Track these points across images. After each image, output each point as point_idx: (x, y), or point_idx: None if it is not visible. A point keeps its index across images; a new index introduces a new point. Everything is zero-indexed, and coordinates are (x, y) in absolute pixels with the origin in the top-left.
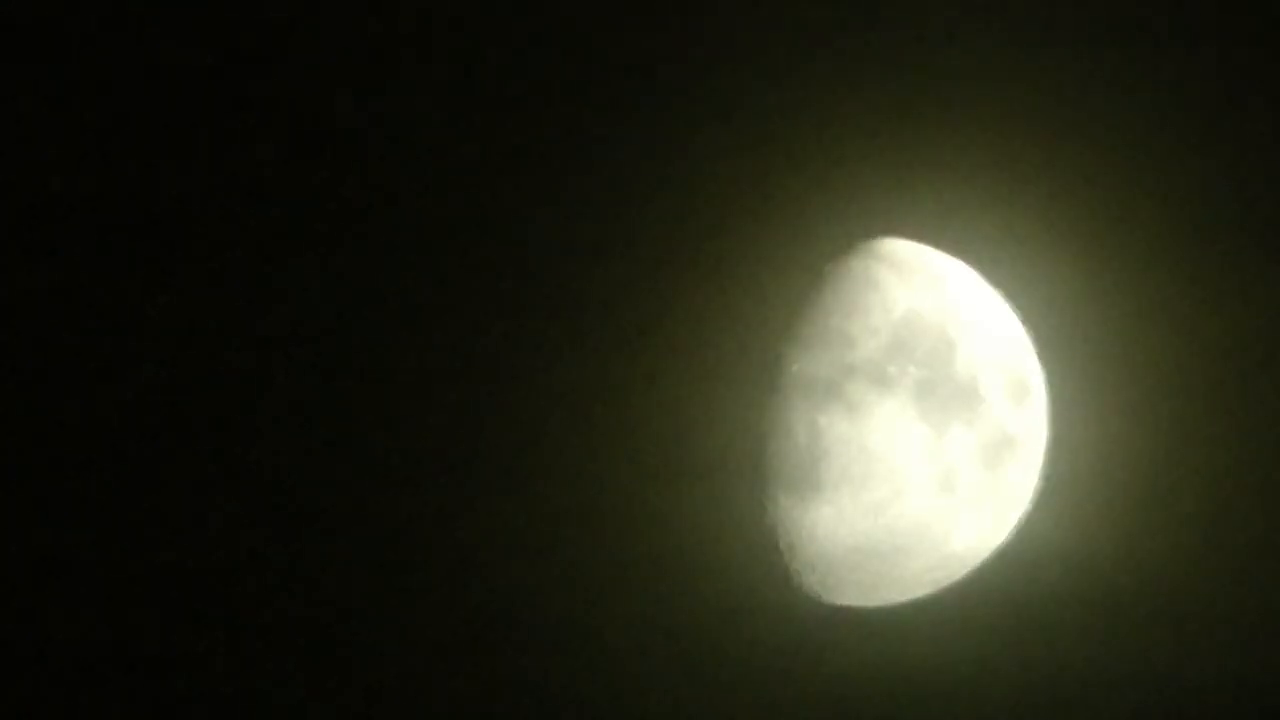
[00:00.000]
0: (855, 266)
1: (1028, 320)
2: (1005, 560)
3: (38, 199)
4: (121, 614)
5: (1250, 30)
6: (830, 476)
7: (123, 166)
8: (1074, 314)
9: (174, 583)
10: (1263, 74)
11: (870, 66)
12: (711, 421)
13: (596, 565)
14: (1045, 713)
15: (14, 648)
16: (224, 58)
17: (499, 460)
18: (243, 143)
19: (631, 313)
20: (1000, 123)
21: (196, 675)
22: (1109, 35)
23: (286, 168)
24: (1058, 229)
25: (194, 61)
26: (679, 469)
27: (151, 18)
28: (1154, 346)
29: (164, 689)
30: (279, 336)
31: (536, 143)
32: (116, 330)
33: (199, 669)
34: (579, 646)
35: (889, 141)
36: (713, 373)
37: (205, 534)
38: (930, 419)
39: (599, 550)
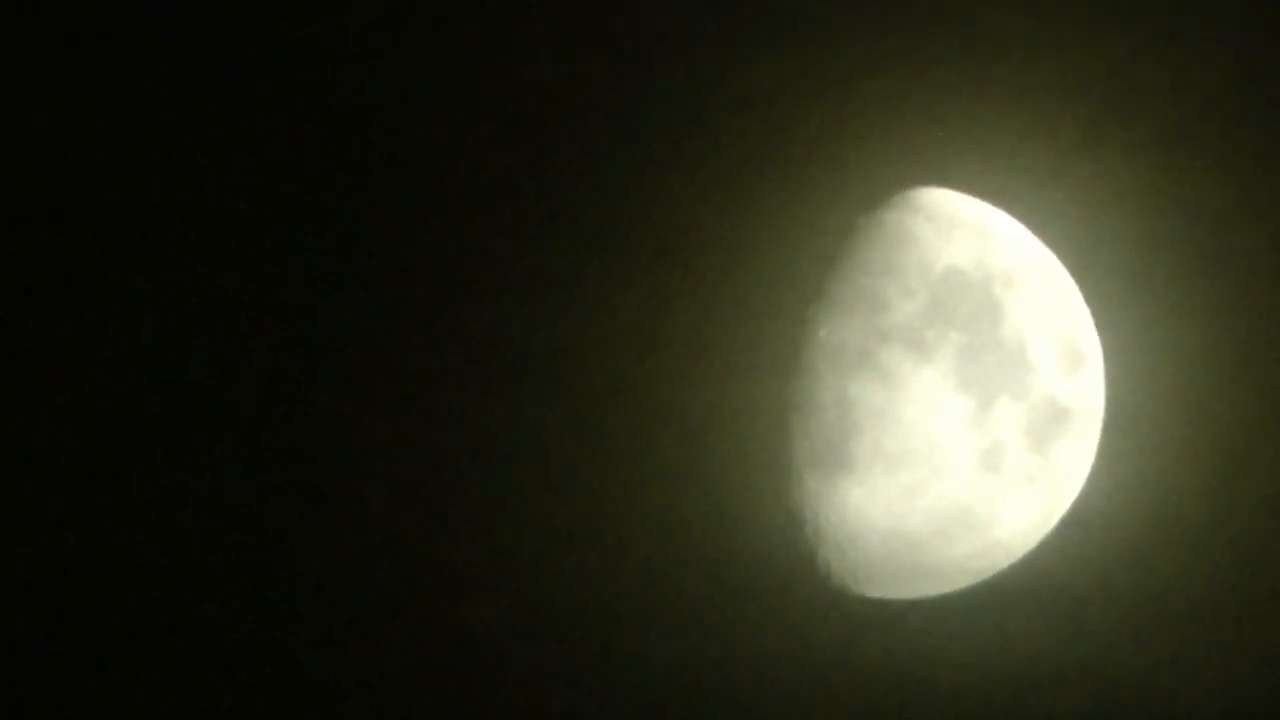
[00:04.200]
0: (889, 219)
1: (1082, 279)
2: (1056, 548)
3: (39, 198)
4: (96, 622)
5: None
6: (862, 454)
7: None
8: (1134, 271)
9: (166, 586)
10: None
11: None
12: (732, 392)
13: (611, 550)
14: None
15: (13, 647)
16: (223, 56)
17: (516, 434)
18: (241, 138)
19: (651, 271)
20: (1050, 57)
21: (196, 678)
22: None
23: (285, 168)
24: (1114, 175)
25: (195, 62)
26: (696, 444)
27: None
28: (1224, 309)
29: (150, 694)
30: (277, 337)
31: (560, 95)
32: (114, 329)
33: (200, 672)
34: (599, 633)
35: (925, 80)
36: (733, 339)
37: (199, 538)
38: (973, 390)
39: (613, 535)
